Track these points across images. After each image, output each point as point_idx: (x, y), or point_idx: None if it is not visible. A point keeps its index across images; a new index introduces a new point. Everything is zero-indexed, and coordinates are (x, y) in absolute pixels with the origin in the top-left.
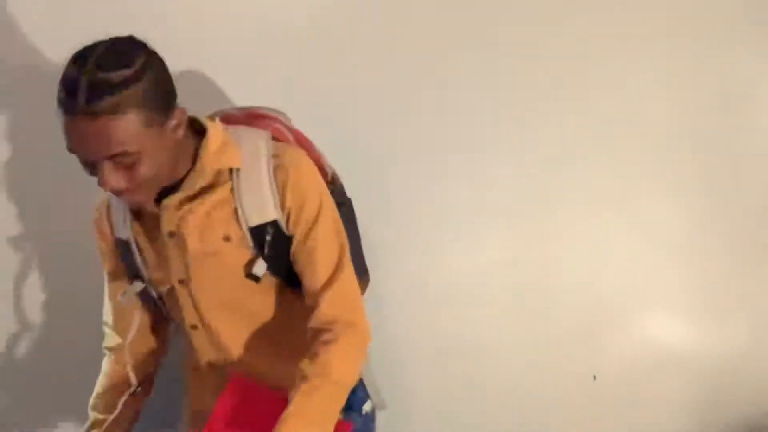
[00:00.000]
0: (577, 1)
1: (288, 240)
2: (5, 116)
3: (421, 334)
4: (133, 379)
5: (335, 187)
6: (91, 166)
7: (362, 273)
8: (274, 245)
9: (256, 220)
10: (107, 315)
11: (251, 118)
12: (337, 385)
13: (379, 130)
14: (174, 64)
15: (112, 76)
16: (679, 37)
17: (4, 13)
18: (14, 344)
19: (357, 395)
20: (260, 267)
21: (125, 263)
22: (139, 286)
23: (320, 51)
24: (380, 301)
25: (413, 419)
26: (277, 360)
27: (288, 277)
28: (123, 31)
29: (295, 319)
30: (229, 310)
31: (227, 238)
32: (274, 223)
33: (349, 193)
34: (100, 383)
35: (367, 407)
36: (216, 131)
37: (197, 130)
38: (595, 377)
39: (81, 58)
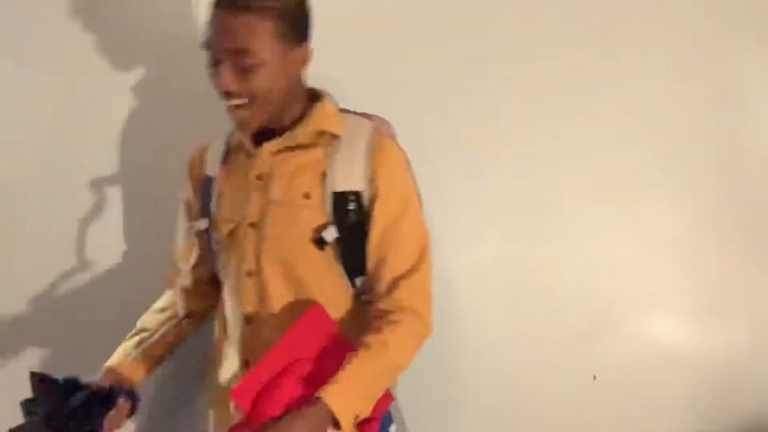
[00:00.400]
0: (577, 2)
1: (364, 216)
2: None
3: None
4: (180, 311)
5: None
6: (215, 66)
7: None
8: (350, 215)
9: (341, 187)
10: (175, 248)
11: (361, 114)
12: (391, 361)
13: None
14: None
15: None
16: (679, 36)
17: None
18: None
19: (386, 415)
20: (330, 233)
21: (201, 201)
22: (204, 223)
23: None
24: None
25: (413, 419)
26: None
27: (349, 264)
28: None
29: (338, 318)
30: (284, 267)
31: (308, 196)
32: (357, 194)
33: None
34: (159, 300)
35: (392, 430)
36: (332, 101)
37: (312, 99)
38: (595, 377)
39: None
